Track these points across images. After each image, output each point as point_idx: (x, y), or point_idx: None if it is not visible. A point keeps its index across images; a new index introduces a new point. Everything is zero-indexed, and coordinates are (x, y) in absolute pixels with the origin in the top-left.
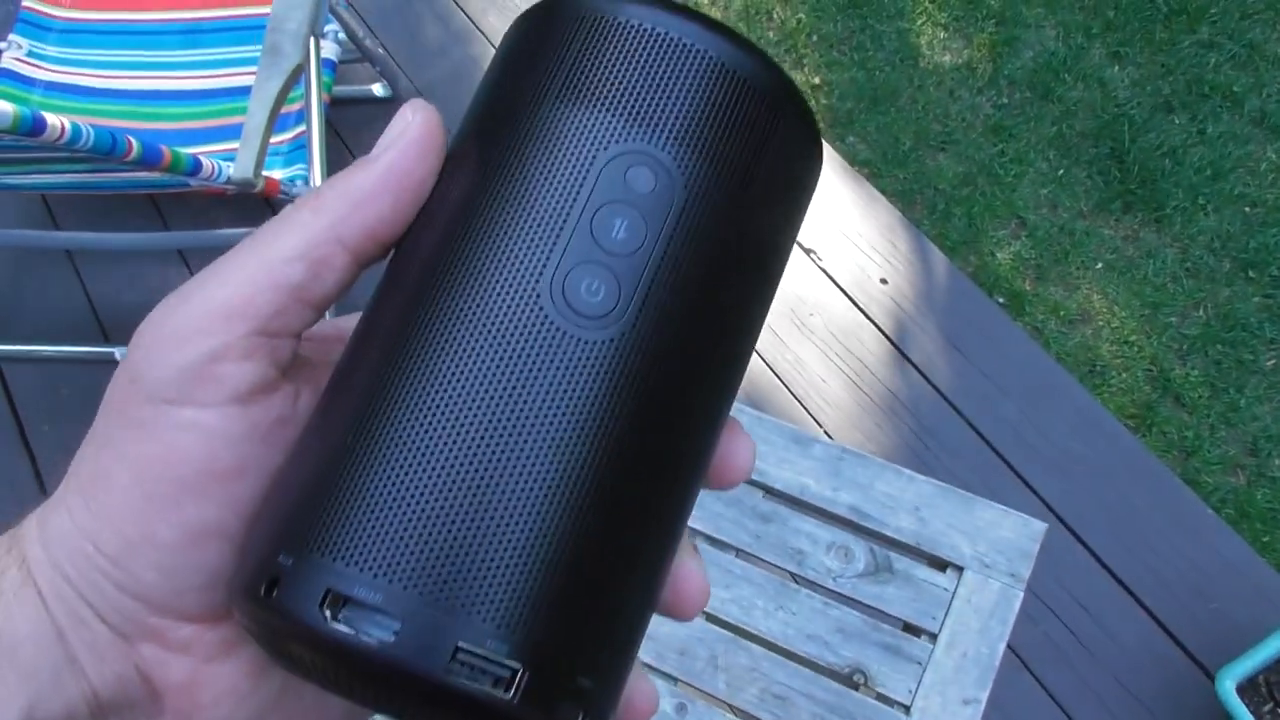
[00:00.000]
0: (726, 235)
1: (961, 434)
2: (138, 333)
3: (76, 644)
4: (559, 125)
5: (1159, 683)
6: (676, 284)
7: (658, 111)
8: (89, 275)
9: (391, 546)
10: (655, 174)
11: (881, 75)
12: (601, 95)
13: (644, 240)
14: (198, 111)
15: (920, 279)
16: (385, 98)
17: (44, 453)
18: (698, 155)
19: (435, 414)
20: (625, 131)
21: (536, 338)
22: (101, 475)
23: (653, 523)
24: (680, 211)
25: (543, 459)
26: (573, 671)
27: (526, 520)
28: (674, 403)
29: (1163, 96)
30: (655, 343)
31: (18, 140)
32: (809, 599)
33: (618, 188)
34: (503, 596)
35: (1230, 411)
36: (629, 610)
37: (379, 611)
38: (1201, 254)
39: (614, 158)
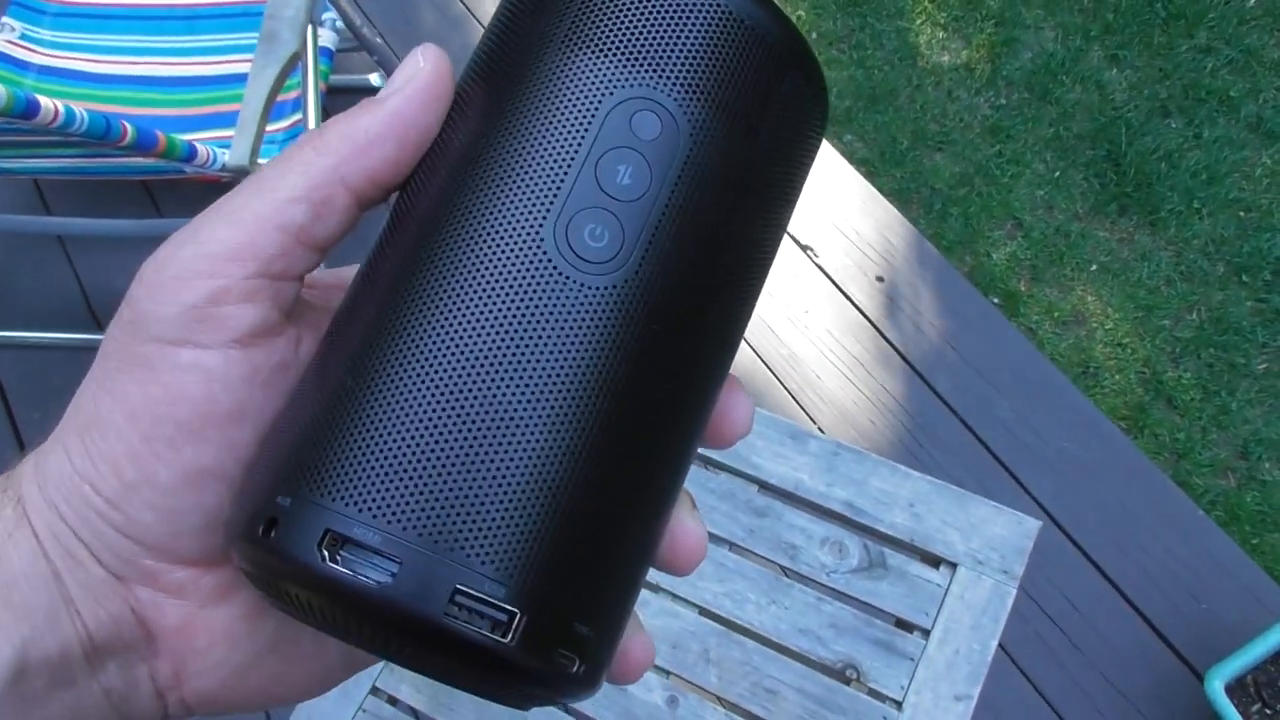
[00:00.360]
0: (731, 185)
1: (955, 432)
2: (139, 271)
3: (72, 585)
4: (564, 71)
5: (1148, 682)
6: (681, 232)
7: (665, 58)
8: (81, 262)
9: (390, 488)
10: (661, 120)
11: (880, 74)
12: (608, 41)
13: (648, 187)
14: (193, 98)
15: (917, 277)
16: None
17: (34, 440)
18: (704, 103)
19: (435, 356)
20: (631, 77)
21: (539, 282)
22: (99, 416)
23: (652, 472)
24: (685, 159)
25: (543, 404)
26: (570, 618)
27: (526, 465)
28: (676, 352)
29: (1160, 100)
30: (658, 290)
31: (10, 123)
32: (802, 594)
33: (623, 133)
34: (502, 541)
35: (1222, 414)
36: (627, 559)
37: (377, 553)
38: (1195, 257)
39: (619, 103)
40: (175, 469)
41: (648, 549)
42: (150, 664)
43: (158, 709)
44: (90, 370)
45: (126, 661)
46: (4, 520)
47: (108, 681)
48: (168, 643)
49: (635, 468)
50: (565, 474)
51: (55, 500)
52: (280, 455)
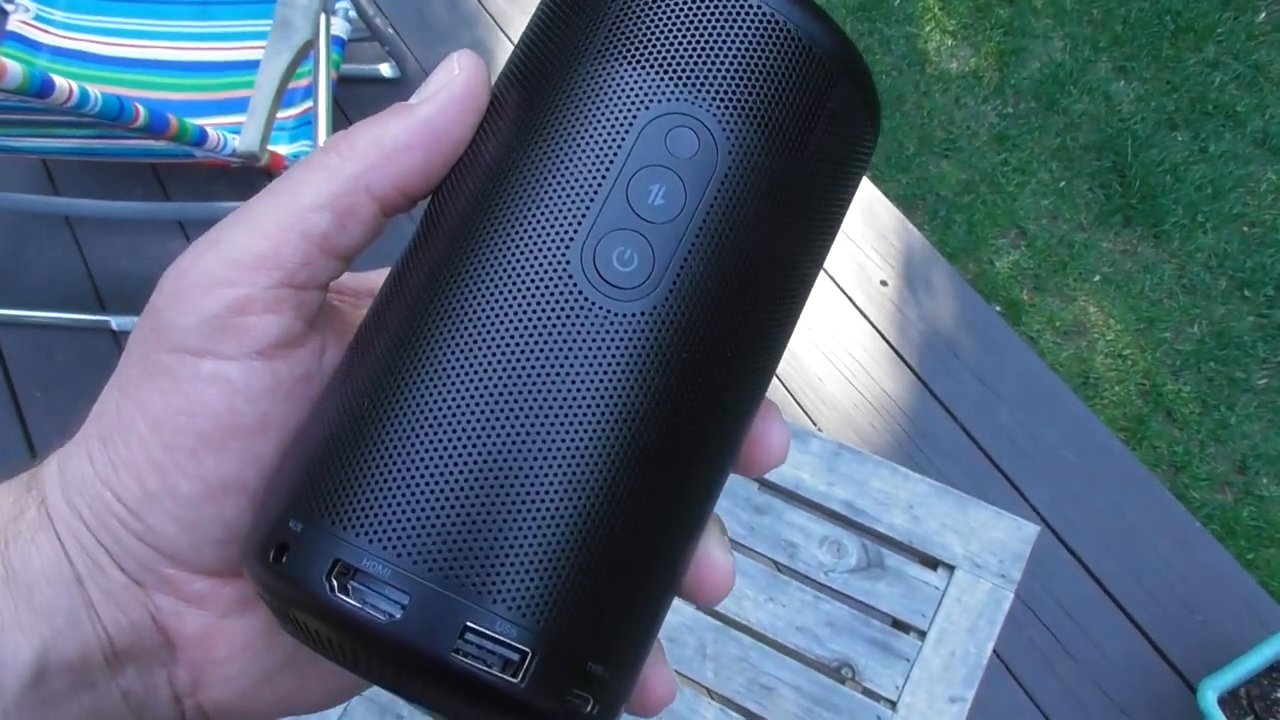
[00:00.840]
0: (773, 207)
1: (955, 438)
2: (162, 279)
3: (93, 589)
4: (599, 83)
5: (1141, 692)
6: (715, 256)
7: (705, 70)
8: (87, 243)
9: (404, 520)
10: (699, 137)
11: (888, 80)
12: (645, 51)
13: (683, 208)
14: (205, 83)
15: (920, 283)
16: (393, 78)
17: (35, 419)
18: (746, 119)
19: (455, 386)
20: (669, 91)
21: (564, 309)
22: (122, 424)
23: (677, 508)
24: (724, 179)
25: (564, 438)
26: (585, 658)
27: (544, 501)
28: (707, 382)
29: (1166, 113)
30: (689, 318)
31: (24, 101)
32: (800, 591)
33: (658, 151)
34: (516, 579)
35: (1220, 429)
36: (648, 597)
37: (387, 585)
38: (1198, 271)
39: (655, 118)
40: (196, 480)
41: (669, 585)
42: (169, 670)
43: (174, 715)
44: (114, 374)
45: (146, 667)
46: (28, 521)
47: (127, 685)
48: (187, 651)
49: (660, 503)
50: (586, 511)
51: (78, 505)
52: (295, 478)
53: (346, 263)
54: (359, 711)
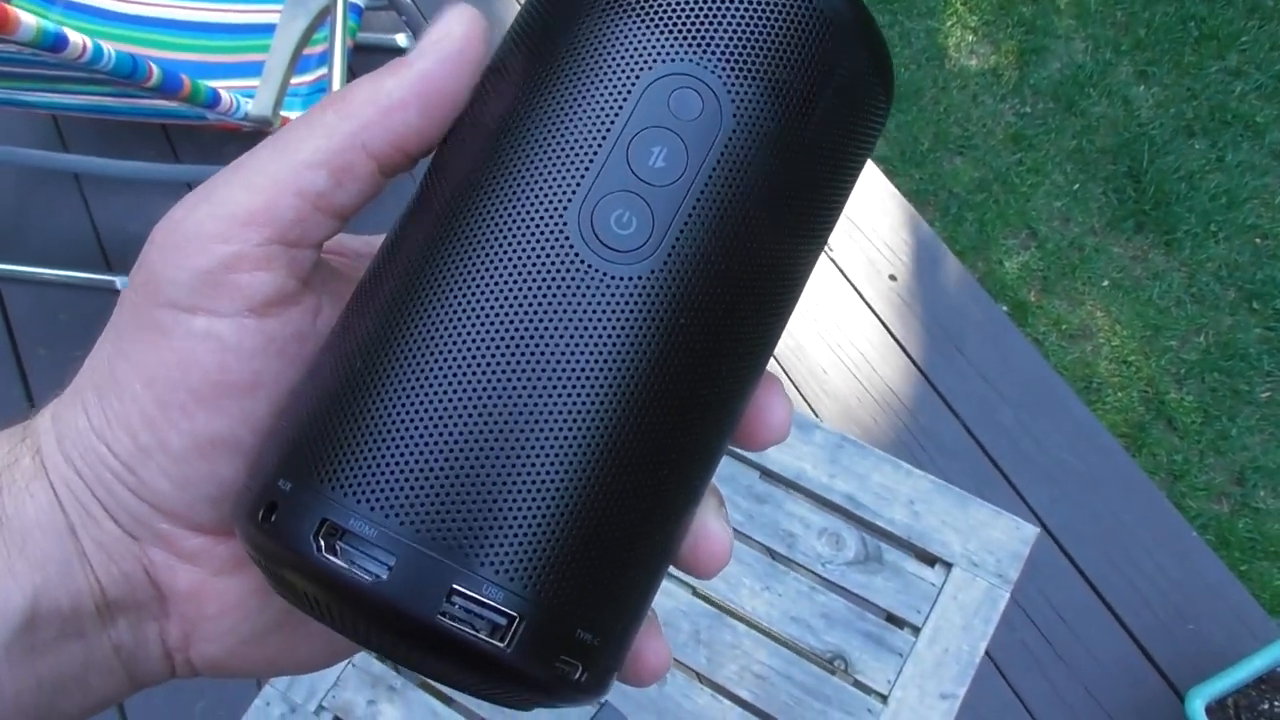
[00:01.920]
0: (777, 172)
1: (956, 436)
2: (154, 232)
3: (86, 540)
4: (601, 41)
5: (1130, 698)
6: (717, 221)
7: (711, 30)
8: (95, 202)
9: (393, 480)
10: (703, 99)
11: (906, 73)
12: (651, 9)
13: (684, 170)
14: (220, 45)
15: (929, 278)
16: (407, 48)
17: (38, 376)
18: (752, 81)
19: (448, 348)
20: (673, 50)
21: (560, 271)
22: (114, 378)
23: (671, 476)
24: (727, 142)
25: (557, 403)
26: (574, 625)
27: (535, 465)
28: (705, 349)
29: (1185, 120)
30: (688, 283)
31: (37, 55)
32: (796, 582)
33: (660, 112)
34: (506, 543)
35: (1221, 440)
36: (641, 566)
37: (375, 546)
38: (1208, 281)
39: (659, 78)
40: (188, 436)
41: (663, 555)
42: (160, 624)
43: (165, 669)
44: (106, 327)
45: (137, 620)
46: (22, 470)
47: (118, 638)
48: (179, 606)
49: (653, 471)
50: (578, 477)
51: (72, 456)
52: (285, 437)
53: (343, 221)
54: (351, 681)
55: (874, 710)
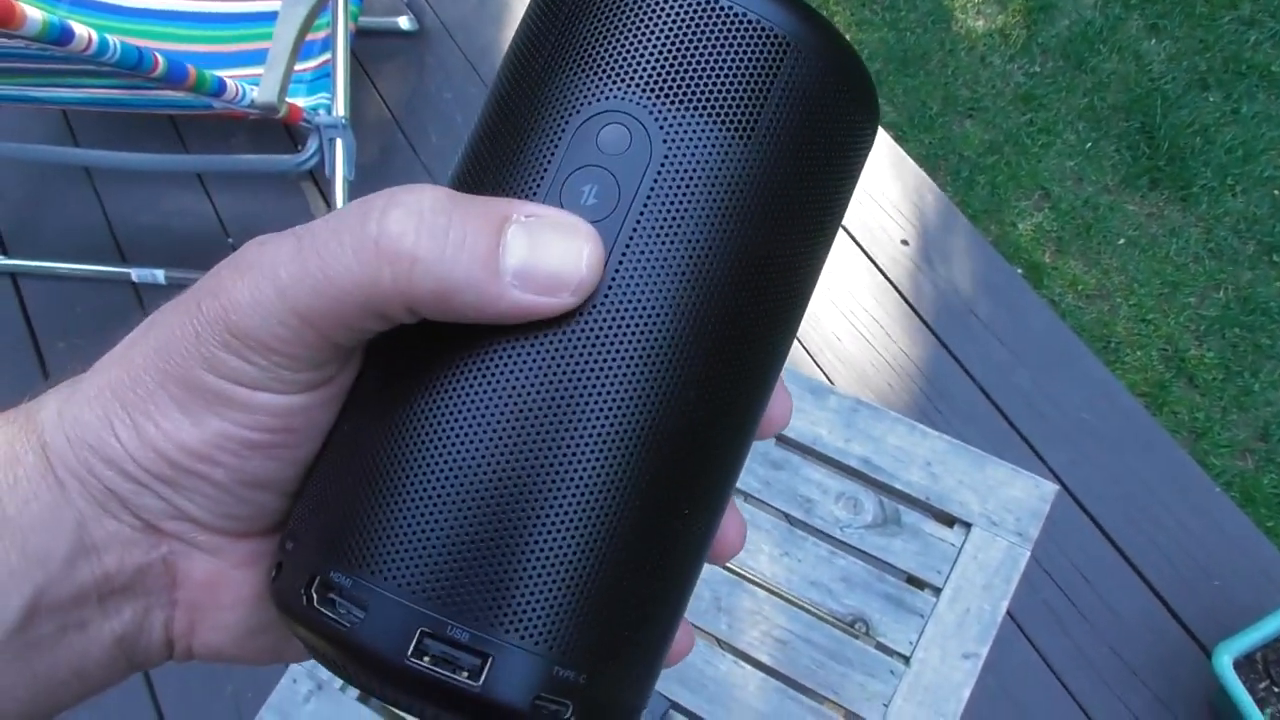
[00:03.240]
0: (721, 194)
1: (973, 399)
2: (209, 314)
3: (99, 534)
4: (537, 97)
5: (1155, 656)
6: (656, 250)
7: (629, 60)
8: (107, 195)
9: (366, 541)
10: (630, 130)
11: (912, 37)
12: (576, 56)
13: (615, 204)
14: (223, 35)
15: (942, 242)
16: (411, 31)
17: (58, 368)
18: (677, 104)
19: (415, 423)
20: (596, 90)
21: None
22: (156, 410)
23: (638, 510)
24: (660, 170)
25: (511, 452)
26: (550, 663)
27: (495, 517)
28: (671, 379)
29: (1198, 73)
30: (635, 318)
31: (44, 49)
32: (815, 547)
33: (590, 151)
34: (471, 587)
35: (1243, 395)
36: (624, 604)
37: (351, 596)
38: (1226, 235)
39: (586, 119)
40: (235, 474)
41: (651, 588)
42: (167, 613)
43: (164, 655)
44: (145, 350)
45: (144, 609)
46: (25, 466)
47: (120, 627)
48: (190, 594)
49: (616, 505)
50: (540, 517)
51: (89, 460)
52: (296, 508)
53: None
54: None
55: (896, 672)
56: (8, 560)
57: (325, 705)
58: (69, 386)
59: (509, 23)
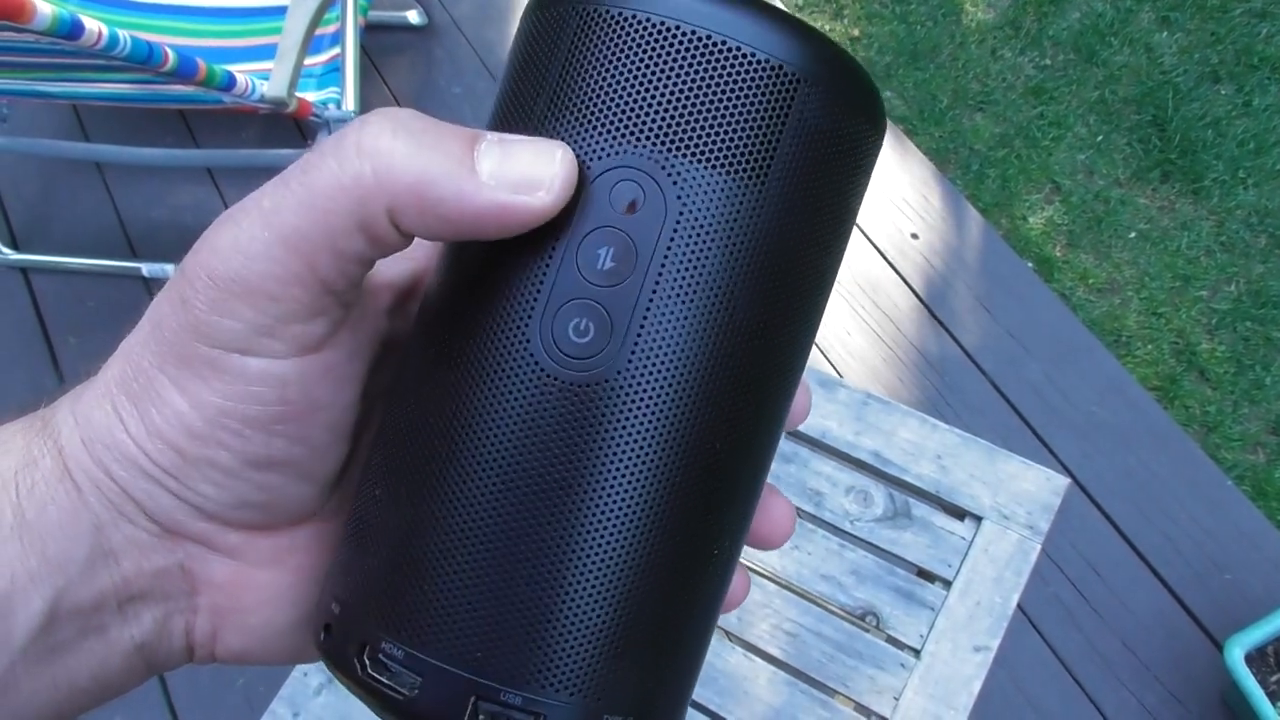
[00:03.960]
0: (739, 246)
1: (983, 392)
2: (191, 273)
3: (116, 537)
4: None
5: (1167, 649)
6: (679, 311)
7: (635, 114)
8: (118, 189)
9: (418, 613)
10: (643, 187)
11: (923, 30)
12: (582, 111)
13: (634, 266)
14: (234, 30)
15: (952, 236)
16: (420, 25)
17: (69, 363)
18: (686, 156)
19: (450, 493)
20: (605, 145)
21: (529, 387)
22: (157, 395)
23: (668, 553)
24: (675, 227)
25: (549, 523)
26: (600, 713)
27: (535, 582)
28: (691, 446)
29: (1210, 66)
30: (659, 382)
31: (54, 44)
32: (825, 540)
33: (604, 211)
34: (518, 651)
35: (1255, 389)
36: (662, 643)
37: (403, 666)
38: (1238, 228)
39: (597, 177)
40: (239, 455)
41: (688, 622)
42: (188, 618)
43: (184, 658)
44: (140, 339)
45: (164, 613)
46: (43, 471)
47: (140, 633)
48: (212, 598)
49: (644, 552)
50: (578, 577)
51: (103, 459)
52: (335, 563)
53: (387, 254)
54: None
55: (907, 664)
56: (28, 564)
57: (336, 698)
58: (82, 388)
59: (517, 16)
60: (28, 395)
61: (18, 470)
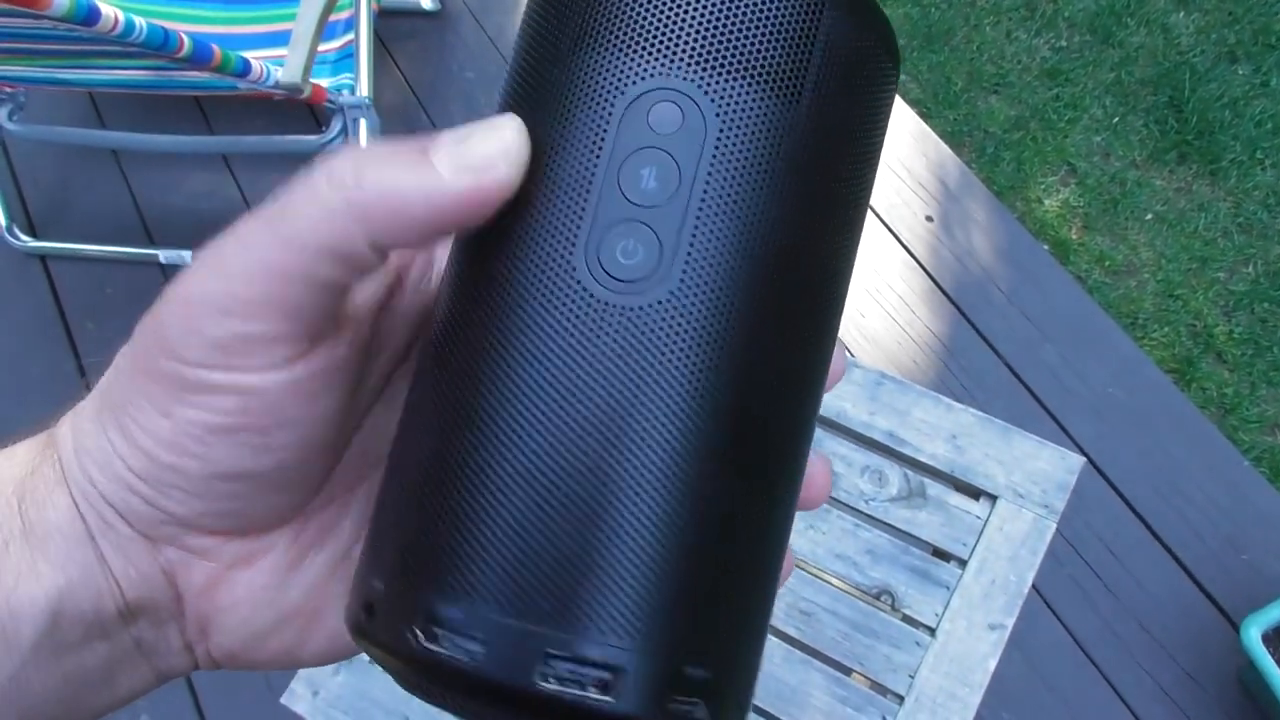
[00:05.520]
0: (779, 162)
1: (999, 374)
2: (163, 304)
3: (105, 545)
4: (574, 80)
5: (1183, 630)
6: (725, 227)
7: (669, 35)
8: (134, 176)
9: (472, 567)
10: (681, 107)
11: (937, 12)
12: (612, 35)
13: (678, 185)
14: (248, 16)
15: (967, 219)
16: (433, 11)
17: (88, 350)
18: (725, 75)
19: (497, 432)
20: (640, 68)
21: (579, 316)
22: (133, 405)
23: (742, 496)
24: (717, 145)
25: (609, 455)
26: (679, 664)
27: (600, 522)
28: (752, 364)
29: (1227, 46)
30: (711, 299)
31: (71, 30)
32: (840, 520)
33: (642, 133)
34: (590, 600)
35: (1272, 370)
36: (737, 590)
37: (464, 630)
38: (1255, 209)
39: (633, 100)
40: (206, 464)
41: (760, 569)
42: (179, 622)
43: (188, 662)
44: (126, 349)
45: (157, 618)
46: (44, 479)
47: (140, 636)
48: (193, 602)
49: (721, 497)
50: (641, 526)
51: (88, 468)
52: (372, 541)
53: (364, 276)
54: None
55: (922, 643)
56: (34, 566)
57: (354, 677)
58: (84, 400)
59: None
60: (47, 381)
61: (22, 479)
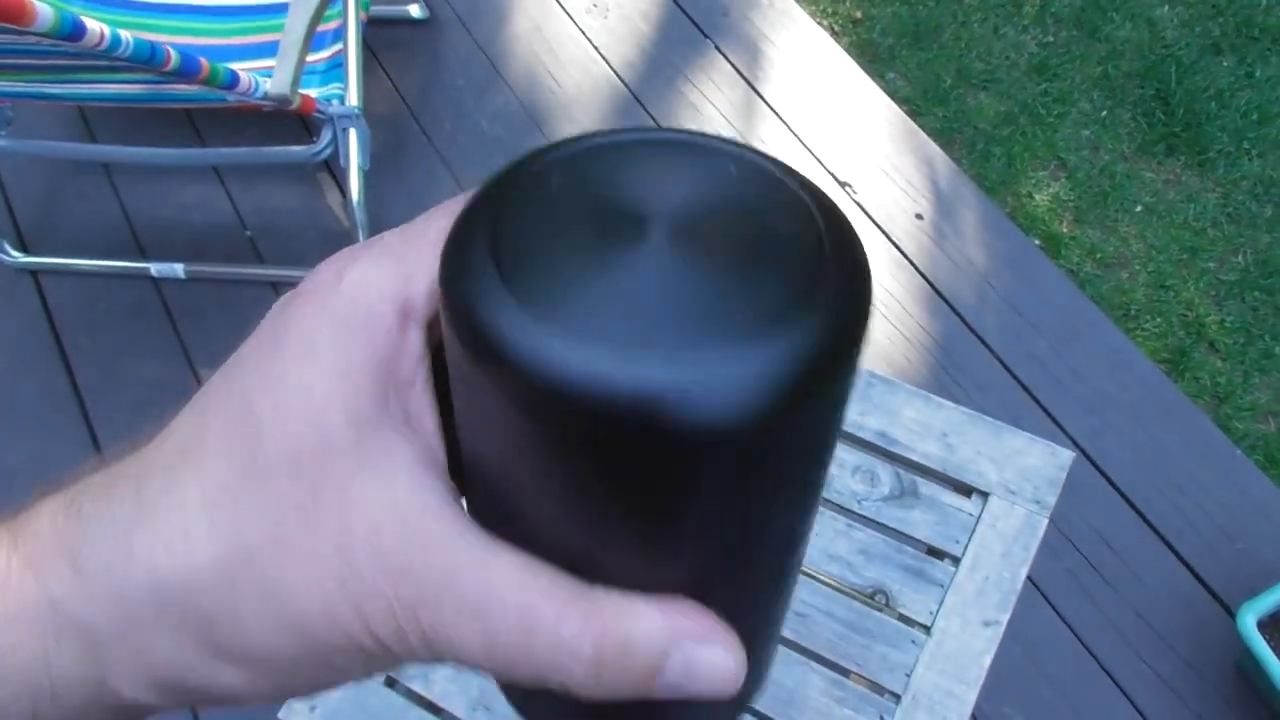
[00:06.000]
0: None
1: (991, 370)
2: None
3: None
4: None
5: (1180, 619)
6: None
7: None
8: (125, 190)
9: None
10: None
11: (925, 10)
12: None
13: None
14: (235, 28)
15: (957, 215)
16: (421, 19)
17: (81, 365)
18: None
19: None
20: None
21: None
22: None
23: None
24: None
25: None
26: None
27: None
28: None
29: (1212, 38)
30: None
31: (56, 45)
32: (832, 521)
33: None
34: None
35: (1264, 359)
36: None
37: None
38: (1244, 199)
39: None
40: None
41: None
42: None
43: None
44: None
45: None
46: (11, 590)
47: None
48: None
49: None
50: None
51: (120, 625)
52: None
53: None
54: None
55: (917, 641)
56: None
57: (352, 691)
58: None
59: (520, 8)
60: (41, 399)
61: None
